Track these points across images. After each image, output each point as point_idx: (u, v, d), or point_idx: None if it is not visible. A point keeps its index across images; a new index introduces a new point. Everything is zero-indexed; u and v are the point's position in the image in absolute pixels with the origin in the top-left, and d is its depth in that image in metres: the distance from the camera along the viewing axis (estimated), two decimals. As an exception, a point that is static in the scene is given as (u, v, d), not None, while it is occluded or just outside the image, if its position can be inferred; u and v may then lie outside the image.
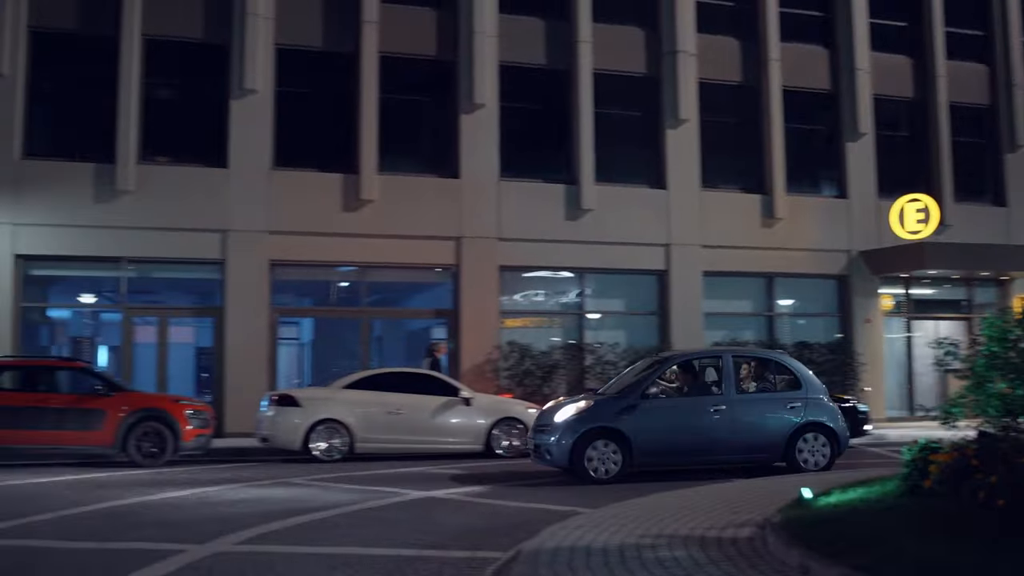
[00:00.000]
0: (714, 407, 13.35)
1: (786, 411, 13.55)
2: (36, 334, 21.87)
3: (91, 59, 20.85)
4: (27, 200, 19.94)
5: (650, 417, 13.10)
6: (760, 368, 14.25)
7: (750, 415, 13.46)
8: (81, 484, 12.95)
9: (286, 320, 24.21)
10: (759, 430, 13.43)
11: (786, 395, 13.79)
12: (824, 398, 13.89)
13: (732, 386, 13.55)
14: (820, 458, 13.50)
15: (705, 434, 13.26)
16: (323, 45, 21.79)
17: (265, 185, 21.11)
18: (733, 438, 13.28)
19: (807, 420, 13.51)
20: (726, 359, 13.80)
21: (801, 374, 13.99)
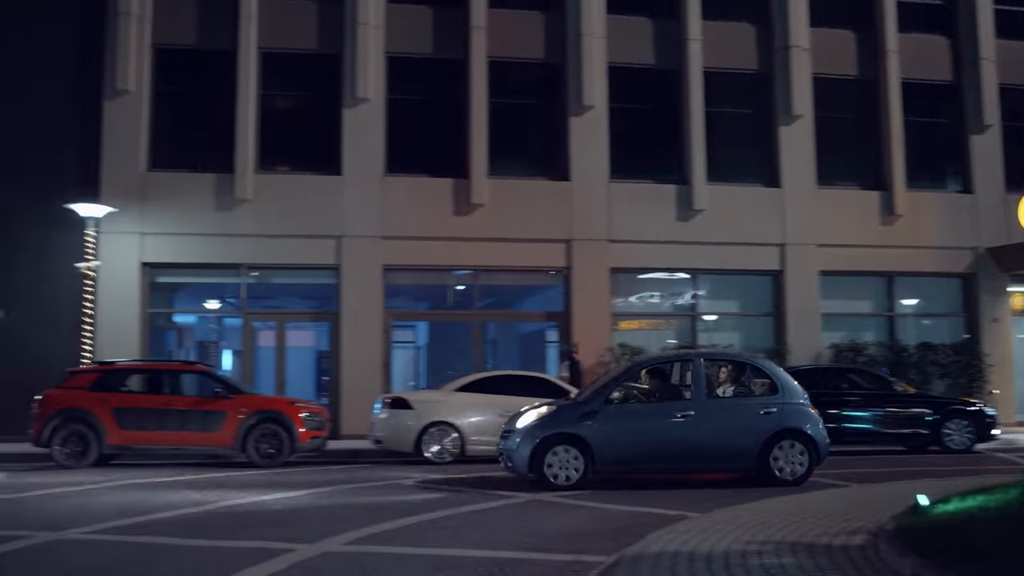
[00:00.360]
0: (681, 413, 12.71)
1: (759, 417, 12.74)
2: (162, 339, 22.74)
3: (210, 73, 21.61)
4: (153, 210, 20.75)
5: (612, 423, 12.63)
6: (734, 372, 13.45)
7: (719, 421, 12.72)
8: (201, 483, 13.37)
9: (400, 324, 24.58)
10: (729, 437, 12.68)
11: (761, 400, 12.95)
12: (804, 404, 12.98)
13: (702, 391, 12.88)
14: (797, 467, 12.67)
15: (671, 441, 12.63)
16: (433, 52, 22.08)
17: (378, 191, 21.48)
18: (701, 445, 12.63)
19: (783, 427, 12.69)
20: (696, 363, 13.12)
21: (778, 378, 13.12)
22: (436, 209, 21.66)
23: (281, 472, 15.10)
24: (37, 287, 20.85)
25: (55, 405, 16.11)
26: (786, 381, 13.08)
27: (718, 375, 13.48)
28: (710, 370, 13.25)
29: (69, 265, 19.91)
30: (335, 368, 21.34)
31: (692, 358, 13.42)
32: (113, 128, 20.87)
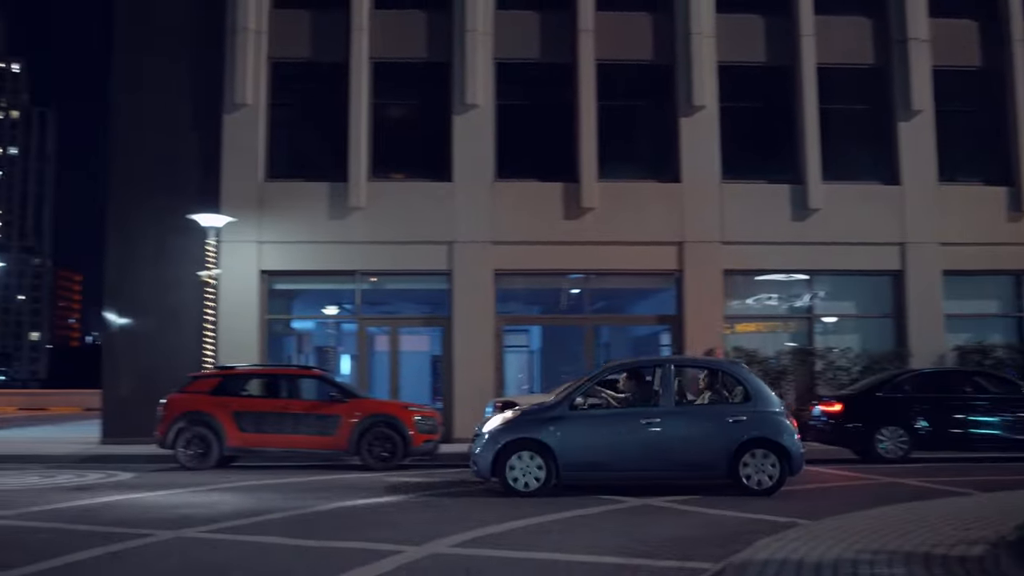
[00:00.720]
0: (647, 420, 12.46)
1: (728, 426, 12.36)
2: (281, 344, 23.33)
3: (324, 84, 22.14)
4: (270, 219, 21.35)
5: (577, 429, 12.45)
6: (706, 379, 13.18)
7: (687, 429, 12.43)
8: (315, 485, 13.66)
9: (513, 328, 24.68)
10: (697, 445, 12.37)
11: (731, 408, 12.60)
12: (778, 413, 12.51)
13: (670, 398, 12.61)
14: (766, 478, 12.26)
15: (636, 448, 12.36)
16: (540, 56, 22.15)
17: (488, 197, 21.64)
18: (667, 453, 12.35)
19: (753, 436, 12.28)
20: (666, 369, 12.85)
21: (751, 386, 12.68)
22: (546, 213, 21.70)
23: (394, 475, 15.32)
24: (163, 295, 21.63)
25: (178, 409, 16.72)
26: (759, 389, 12.69)
27: (689, 382, 13.32)
28: (680, 377, 13.07)
29: (192, 273, 20.64)
30: (448, 372, 21.57)
31: (662, 364, 13.16)
32: (232, 140, 21.54)
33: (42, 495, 12.59)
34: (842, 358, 21.57)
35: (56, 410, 47.63)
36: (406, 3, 22.21)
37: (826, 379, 21.35)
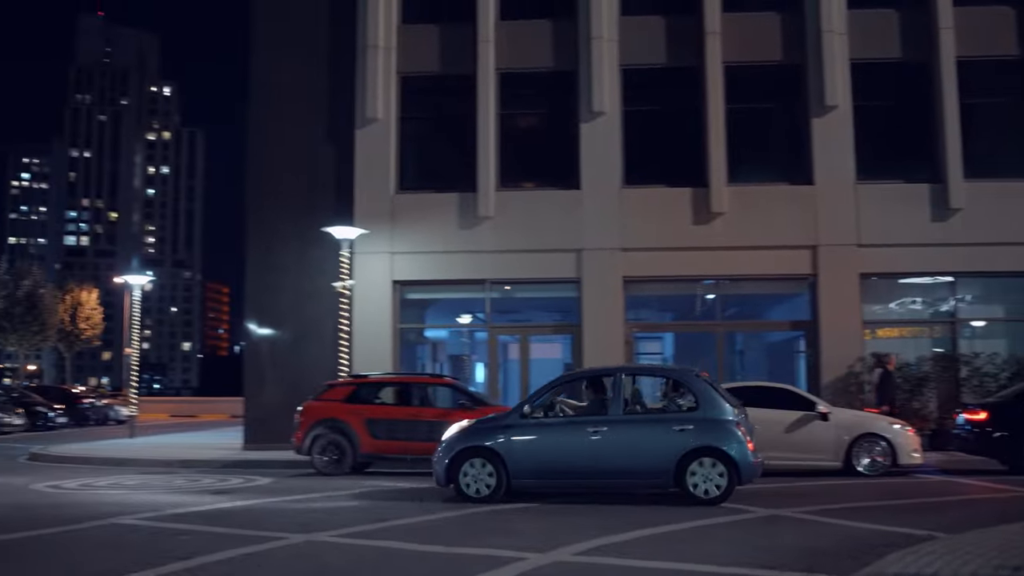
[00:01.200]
0: (593, 428, 12.48)
1: (674, 434, 12.23)
2: (414, 353, 23.75)
3: (452, 97, 22.50)
4: (401, 231, 21.78)
5: (526, 437, 12.64)
6: (658, 387, 12.87)
7: (633, 437, 12.35)
8: (443, 492, 13.82)
9: (646, 335, 24.51)
10: (642, 453, 12.26)
11: (678, 416, 12.49)
12: (728, 422, 12.19)
13: (619, 406, 12.60)
14: (713, 487, 12.01)
15: (584, 456, 12.37)
16: (667, 61, 21.96)
17: (616, 204, 21.57)
18: (614, 461, 12.30)
19: (700, 444, 12.09)
20: (617, 377, 12.87)
21: (701, 394, 12.44)
22: (675, 219, 21.49)
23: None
24: (300, 306, 22.32)
25: (314, 416, 17.21)
26: (710, 398, 12.44)
27: (640, 390, 13.34)
28: (631, 385, 13.11)
29: (327, 285, 21.23)
30: (577, 380, 21.52)
31: (613, 372, 13.21)
32: (364, 154, 22.08)
33: (186, 498, 13.14)
34: (989, 364, 20.60)
35: (205, 417, 49.65)
36: (531, 13, 22.36)
37: (971, 386, 20.43)
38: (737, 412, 12.48)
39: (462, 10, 22.25)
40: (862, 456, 16.04)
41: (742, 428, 12.28)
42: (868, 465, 15.97)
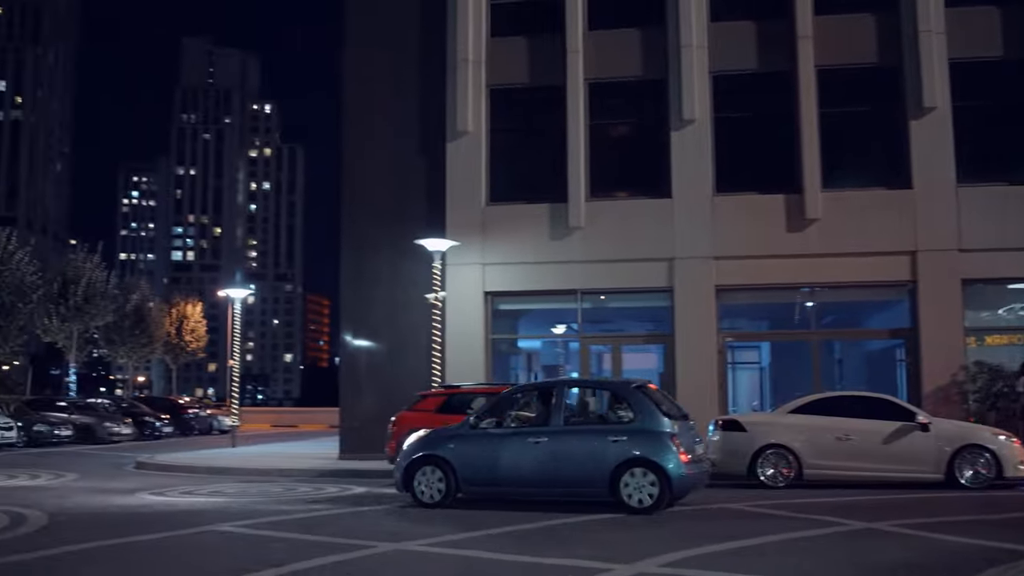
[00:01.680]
0: (535, 439, 12.97)
1: (609, 445, 12.53)
2: (506, 363, 23.87)
3: (541, 108, 22.65)
4: (492, 242, 21.94)
5: (473, 446, 13.19)
6: (598, 399, 13.51)
7: (570, 447, 12.74)
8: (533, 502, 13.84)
9: (742, 344, 24.21)
10: (579, 463, 12.62)
11: (614, 428, 12.84)
12: (662, 434, 12.39)
13: (559, 418, 13.01)
14: (646, 496, 12.26)
15: (525, 466, 12.88)
16: (757, 67, 21.69)
17: (708, 212, 21.38)
18: (552, 471, 12.75)
19: (633, 455, 12.35)
20: (559, 389, 13.33)
21: (639, 407, 12.74)
22: (768, 226, 21.17)
23: (614, 493, 15.28)
24: (394, 318, 22.65)
25: (407, 426, 17.40)
26: (646, 410, 12.71)
27: (581, 402, 13.82)
28: (572, 397, 13.50)
29: (420, 296, 21.49)
30: (670, 390, 21.24)
31: (556, 385, 13.64)
32: (456, 167, 22.31)
33: (281, 506, 13.43)
34: (1103, 373, 19.76)
35: (305, 427, 50.67)
36: (620, 23, 22.34)
37: (1085, 395, 19.61)
38: (677, 424, 12.72)
39: (550, 22, 22.37)
40: (965, 468, 15.52)
41: (676, 440, 12.43)
42: (971, 477, 15.45)
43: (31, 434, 31.12)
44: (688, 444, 12.66)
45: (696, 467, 12.73)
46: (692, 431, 13.22)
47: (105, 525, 11.72)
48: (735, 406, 23.34)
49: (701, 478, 13.10)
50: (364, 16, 23.85)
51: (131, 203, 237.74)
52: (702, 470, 13.11)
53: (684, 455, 12.39)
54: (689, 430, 13.10)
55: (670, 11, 21.69)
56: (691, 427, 13.28)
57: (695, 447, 12.95)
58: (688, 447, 12.60)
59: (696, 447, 13.01)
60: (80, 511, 13.17)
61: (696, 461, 12.75)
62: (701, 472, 13.03)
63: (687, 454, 12.45)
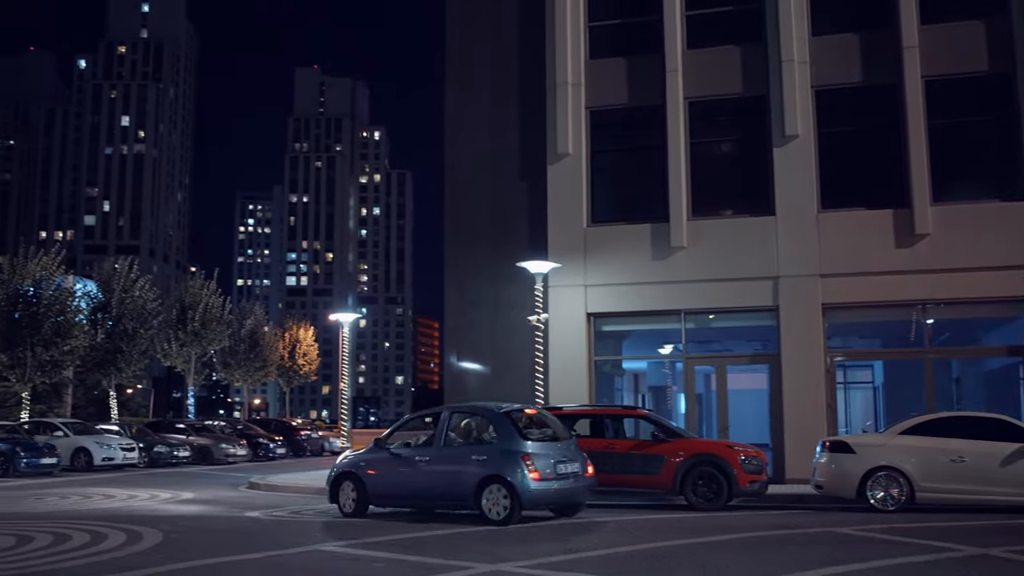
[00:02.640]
0: (420, 458, 14.80)
1: (474, 463, 14.16)
2: (610, 384, 23.78)
3: (641, 128, 22.58)
4: (594, 263, 21.95)
5: (377, 465, 15.22)
6: (471, 423, 15.03)
7: (445, 465, 14.47)
8: (635, 524, 13.78)
9: (853, 363, 23.65)
10: (451, 479, 14.26)
11: (479, 448, 14.43)
12: (514, 453, 13.85)
13: (441, 439, 14.77)
14: (501, 509, 13.77)
15: (413, 481, 14.72)
16: (862, 80, 21.23)
17: (812, 228, 20.99)
18: (432, 486, 14.54)
19: (490, 473, 13.89)
20: (443, 415, 15.08)
21: (502, 430, 14.28)
22: (876, 242, 20.67)
23: (718, 516, 15.12)
24: (497, 340, 22.83)
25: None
26: (506, 433, 14.21)
27: (464, 426, 15.10)
28: (453, 421, 14.99)
29: (522, 318, 21.63)
30: (777, 410, 21.00)
31: (441, 411, 15.30)
32: (556, 189, 22.41)
33: (386, 528, 13.63)
34: None
35: (415, 449, 51.12)
36: (718, 40, 22.15)
37: None
38: (541, 445, 14.15)
39: (648, 42, 22.35)
40: (1094, 492, 14.83)
41: (528, 459, 13.82)
42: (1100, 501, 14.76)
43: (152, 455, 32.30)
44: (545, 464, 13.94)
45: (553, 484, 14.01)
46: (562, 451, 14.41)
47: (215, 543, 12.11)
48: (847, 427, 22.83)
49: (563, 494, 14.32)
50: (465, 43, 24.26)
51: (247, 230, 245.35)
52: (564, 487, 14.22)
53: (534, 473, 13.77)
54: (558, 451, 14.35)
55: (770, 27, 21.44)
56: (562, 448, 14.50)
57: (557, 466, 14.13)
58: (544, 466, 13.91)
59: (559, 466, 14.16)
60: (193, 529, 13.63)
61: (557, 478, 14.04)
62: (563, 489, 14.21)
63: (538, 472, 13.80)
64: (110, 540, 12.25)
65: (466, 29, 24.39)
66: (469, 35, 24.33)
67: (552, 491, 14.04)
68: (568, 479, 14.24)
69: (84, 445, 30.20)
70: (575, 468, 14.47)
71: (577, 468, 14.52)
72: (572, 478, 14.34)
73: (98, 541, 12.17)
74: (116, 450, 30.55)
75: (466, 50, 24.28)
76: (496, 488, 13.82)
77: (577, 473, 14.47)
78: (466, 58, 24.24)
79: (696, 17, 22.29)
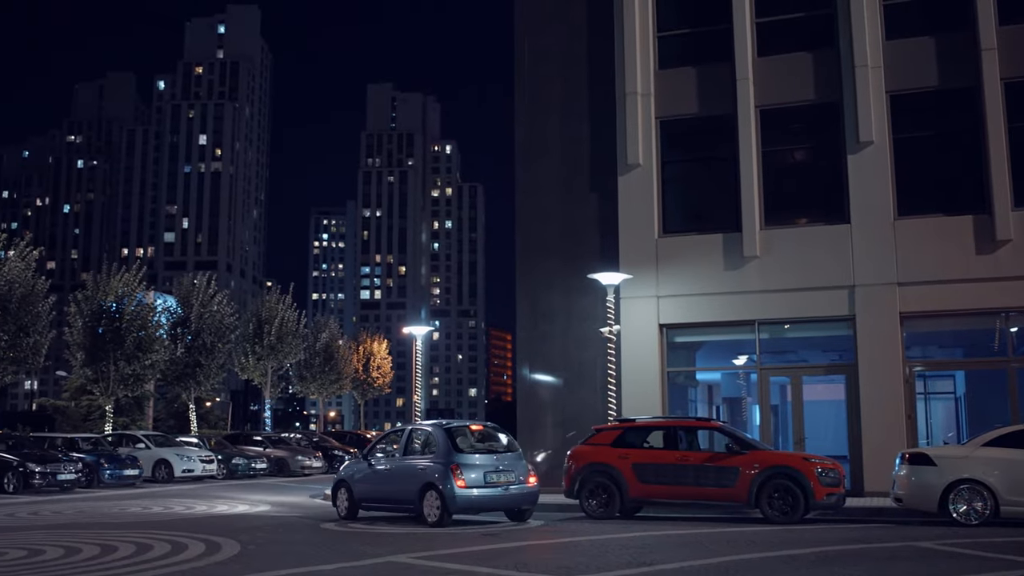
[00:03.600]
0: (384, 467, 17.13)
1: (417, 472, 16.18)
2: (683, 396, 23.57)
3: (711, 137, 22.46)
4: (666, 274, 21.82)
5: (359, 473, 17.53)
6: (422, 438, 16.88)
7: (400, 475, 16.63)
8: (710, 538, 13.61)
9: (934, 374, 23.10)
10: (404, 486, 16.31)
11: (423, 460, 16.31)
12: (444, 465, 15.67)
13: (400, 452, 17.00)
14: (434, 511, 15.64)
15: (382, 488, 16.97)
16: (938, 84, 20.80)
17: (888, 236, 20.60)
18: (392, 491, 16.74)
19: (427, 481, 15.83)
20: (407, 430, 17.34)
21: (438, 443, 16.19)
22: (955, 249, 20.20)
23: (795, 529, 14.88)
24: (569, 352, 22.83)
25: (582, 460, 17.47)
26: (441, 444, 16.12)
27: (416, 440, 16.96)
28: (412, 436, 17.04)
29: (594, 330, 21.57)
30: (855, 422, 20.61)
31: (405, 428, 17.56)
32: (627, 200, 22.33)
33: (459, 539, 13.69)
34: None
35: (488, 461, 51.26)
36: (789, 47, 21.88)
37: None
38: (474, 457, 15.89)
39: (718, 51, 22.20)
40: None
41: (457, 469, 15.56)
42: None
43: (230, 467, 32.88)
44: (475, 473, 15.66)
45: (484, 491, 15.67)
46: (498, 463, 16.08)
47: (291, 554, 12.27)
48: (927, 438, 22.31)
49: (495, 501, 15.93)
50: (534, 57, 24.38)
51: (321, 245, 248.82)
52: (494, 494, 15.83)
53: (461, 482, 15.50)
54: (493, 462, 16.05)
55: (842, 32, 21.13)
56: (499, 460, 16.18)
57: (488, 476, 15.78)
58: (473, 476, 15.63)
59: (491, 476, 15.81)
60: (269, 540, 13.83)
61: (487, 486, 15.70)
62: (493, 496, 15.82)
63: (465, 481, 15.52)
64: (190, 550, 12.50)
65: (535, 43, 24.49)
66: (538, 49, 24.42)
67: (481, 497, 15.70)
68: (499, 487, 15.87)
69: (165, 457, 30.90)
70: (511, 478, 16.03)
71: (513, 477, 16.06)
72: (505, 487, 15.93)
73: (179, 551, 12.42)
74: (196, 462, 31.18)
75: (535, 63, 24.37)
76: (431, 495, 15.73)
77: (513, 482, 16.03)
78: (535, 71, 24.33)
79: (766, 24, 22.07)
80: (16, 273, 34.01)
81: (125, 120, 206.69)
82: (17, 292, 33.84)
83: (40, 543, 13.43)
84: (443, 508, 15.48)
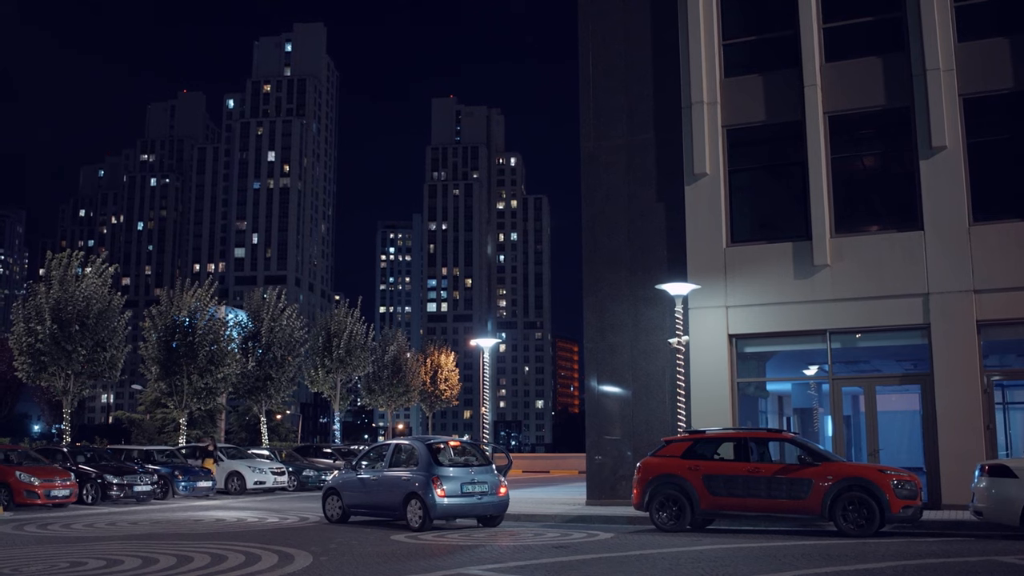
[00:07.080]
0: (371, 476, 18.80)
1: (401, 482, 17.95)
2: (753, 407, 23.26)
3: (779, 145, 22.15)
4: (735, 284, 21.58)
5: (348, 482, 19.30)
6: (404, 451, 18.75)
7: (387, 484, 18.30)
8: (781, 551, 13.41)
9: (1013, 383, 22.51)
10: (390, 495, 18.15)
11: (407, 471, 18.07)
12: (427, 476, 17.40)
13: (385, 464, 18.81)
14: (417, 519, 17.46)
15: (369, 496, 18.75)
16: (1013, 85, 20.25)
17: (964, 242, 20.13)
18: (378, 500, 18.53)
19: (410, 491, 17.60)
20: (391, 445, 19.25)
21: (420, 457, 17.99)
22: (1035, 255, 19.66)
23: (870, 543, 14.59)
24: (638, 363, 22.67)
25: (652, 472, 17.34)
26: (425, 459, 17.84)
27: (399, 454, 18.84)
28: (395, 450, 18.94)
29: (662, 341, 21.42)
30: (930, 433, 20.14)
31: (391, 443, 19.33)
32: (695, 210, 22.15)
33: (530, 551, 13.67)
34: None
35: (556, 472, 51.24)
36: (858, 52, 21.51)
37: None
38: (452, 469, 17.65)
39: (785, 57, 21.94)
40: None
41: (437, 480, 17.31)
42: None
43: (300, 479, 33.28)
44: (453, 484, 17.41)
45: (461, 500, 17.47)
46: (473, 475, 17.82)
47: (363, 565, 12.36)
48: (1007, 450, 21.72)
49: (470, 508, 17.75)
50: (598, 69, 24.31)
51: (388, 259, 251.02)
52: (470, 502, 17.64)
53: (441, 492, 17.27)
54: (469, 474, 17.78)
55: (912, 35, 20.74)
56: (474, 472, 17.91)
57: (465, 486, 17.56)
58: (452, 486, 17.38)
59: (467, 487, 17.57)
60: (341, 552, 13.94)
61: (463, 495, 17.48)
62: (469, 504, 17.63)
63: (444, 491, 17.28)
64: (263, 561, 12.65)
65: (599, 55, 24.44)
66: (602, 60, 24.37)
67: (459, 505, 17.57)
68: (474, 496, 17.69)
69: (237, 469, 31.35)
70: (484, 488, 17.81)
71: (487, 488, 17.84)
72: (479, 496, 17.74)
73: (252, 562, 12.58)
74: (267, 474, 31.60)
75: (599, 75, 24.32)
76: (415, 503, 17.52)
77: (486, 492, 17.83)
78: (600, 83, 24.29)
79: (834, 29, 21.76)
80: (93, 289, 34.99)
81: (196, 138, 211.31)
82: (94, 308, 34.80)
83: (118, 553, 13.71)
84: (425, 515, 17.35)
